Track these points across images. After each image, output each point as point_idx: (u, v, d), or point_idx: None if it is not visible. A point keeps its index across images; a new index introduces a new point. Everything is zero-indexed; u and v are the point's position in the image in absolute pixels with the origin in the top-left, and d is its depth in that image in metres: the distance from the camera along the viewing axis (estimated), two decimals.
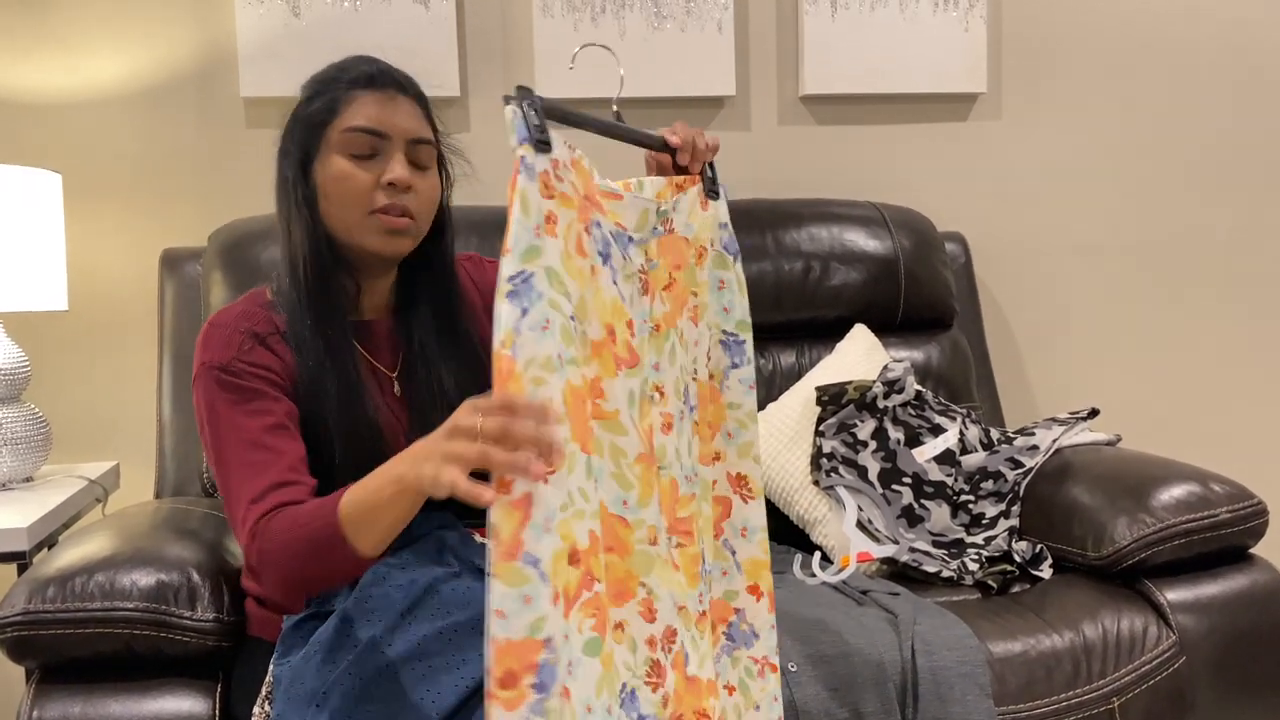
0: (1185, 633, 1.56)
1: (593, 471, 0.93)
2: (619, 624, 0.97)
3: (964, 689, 1.40)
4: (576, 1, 2.24)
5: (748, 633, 1.13)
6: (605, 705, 0.90)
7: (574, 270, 0.95)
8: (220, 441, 1.19)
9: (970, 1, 2.37)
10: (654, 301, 1.09)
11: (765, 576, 1.15)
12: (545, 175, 0.95)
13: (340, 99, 1.25)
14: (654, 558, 1.01)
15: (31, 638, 1.27)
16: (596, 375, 0.96)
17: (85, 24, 2.12)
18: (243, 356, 1.21)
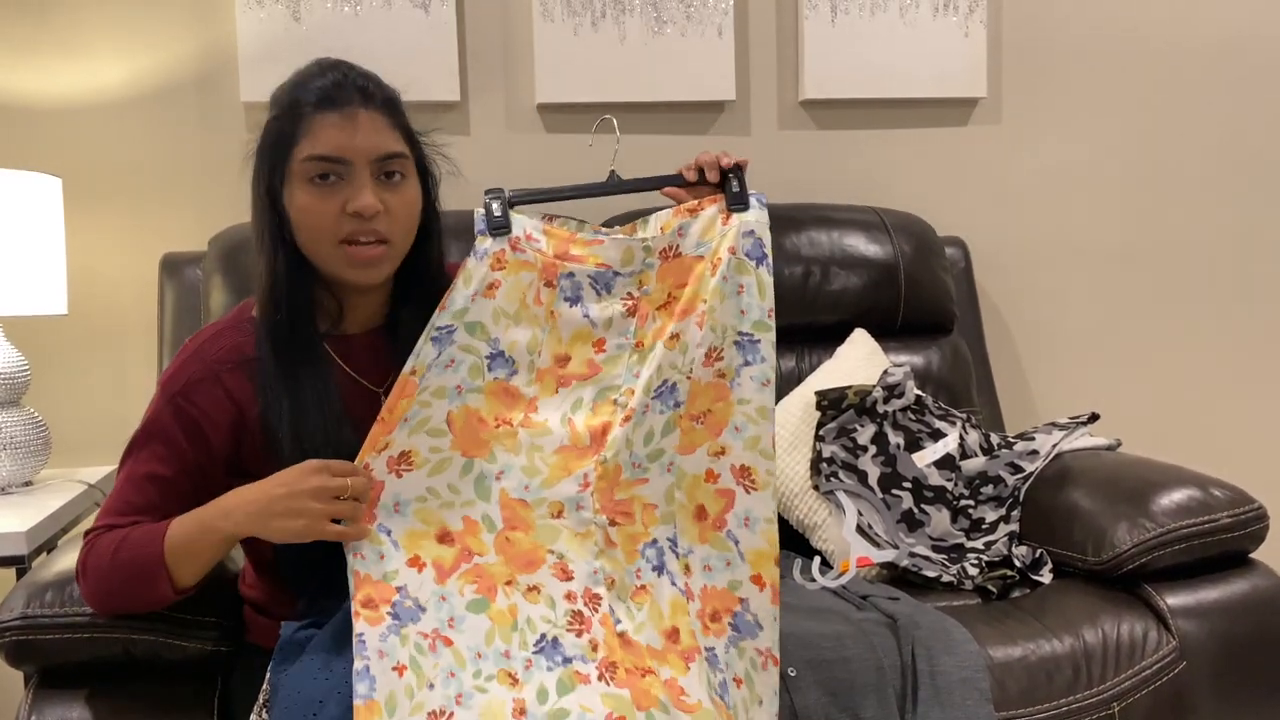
0: (1185, 637, 1.55)
1: (475, 471, 1.20)
2: (533, 587, 1.16)
3: (964, 694, 1.40)
4: (577, 6, 2.24)
5: (752, 623, 1.16)
6: (501, 651, 1.12)
7: (525, 318, 1.24)
8: (129, 452, 1.22)
9: (970, 6, 2.37)
10: (644, 322, 1.26)
11: (769, 568, 1.17)
12: (500, 253, 1.25)
13: (300, 123, 1.18)
14: (559, 529, 1.20)
15: (30, 642, 1.27)
16: (535, 395, 1.24)
17: (86, 29, 2.13)
18: (187, 392, 1.20)
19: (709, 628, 1.15)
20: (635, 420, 1.21)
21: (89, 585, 1.20)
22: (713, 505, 1.20)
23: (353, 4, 2.16)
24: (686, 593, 1.17)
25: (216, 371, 1.20)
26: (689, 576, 1.18)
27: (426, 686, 1.09)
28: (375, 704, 1.06)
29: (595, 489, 1.21)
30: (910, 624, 1.46)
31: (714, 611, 1.16)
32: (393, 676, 1.08)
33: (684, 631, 1.15)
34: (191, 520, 1.16)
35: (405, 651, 1.10)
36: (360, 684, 1.07)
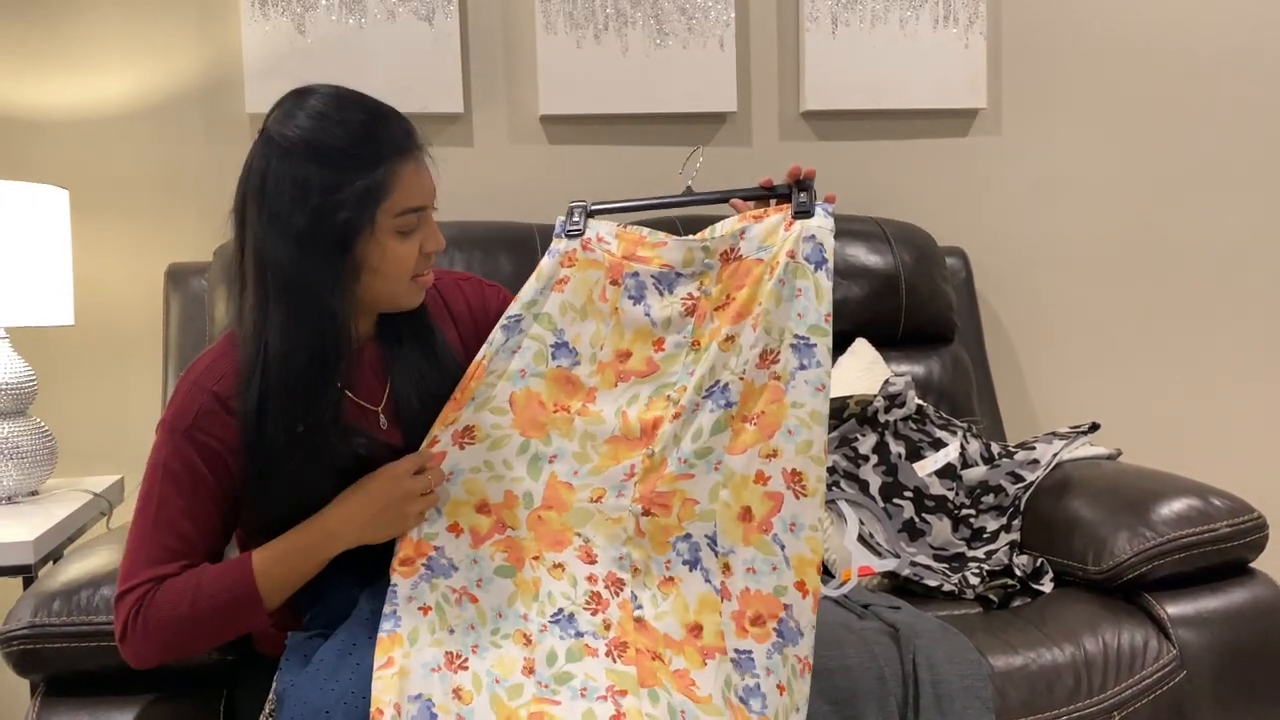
0: (1186, 647, 1.56)
1: (530, 451, 1.29)
2: (558, 564, 1.25)
3: (965, 703, 1.41)
4: (579, 19, 2.26)
5: (795, 630, 1.15)
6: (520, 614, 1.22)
7: (592, 313, 1.33)
8: (146, 499, 1.18)
9: (970, 18, 2.38)
10: (701, 321, 1.30)
11: (812, 575, 1.16)
12: (571, 253, 1.34)
13: (388, 178, 1.15)
14: (591, 512, 1.27)
15: (37, 651, 1.28)
16: (595, 386, 1.31)
17: (92, 41, 2.14)
18: (201, 426, 1.17)
19: (747, 630, 1.15)
20: (685, 417, 1.24)
21: (150, 634, 1.14)
22: (760, 507, 1.18)
23: (357, 16, 2.18)
24: (722, 592, 1.18)
25: (223, 400, 1.18)
26: (728, 576, 1.18)
27: (447, 630, 1.18)
28: (398, 635, 1.15)
29: (639, 478, 1.26)
30: (911, 633, 1.47)
31: (756, 615, 1.15)
32: (418, 615, 1.18)
33: (709, 630, 1.17)
34: (285, 548, 1.18)
35: (433, 597, 1.19)
36: (386, 621, 1.16)
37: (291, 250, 1.14)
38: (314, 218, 1.14)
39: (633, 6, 2.27)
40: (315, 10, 2.17)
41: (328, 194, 1.14)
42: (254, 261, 1.17)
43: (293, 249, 1.14)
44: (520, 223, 2.12)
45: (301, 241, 1.14)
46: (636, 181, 2.34)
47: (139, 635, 1.15)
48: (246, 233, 1.18)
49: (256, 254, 1.16)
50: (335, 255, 1.15)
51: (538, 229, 2.09)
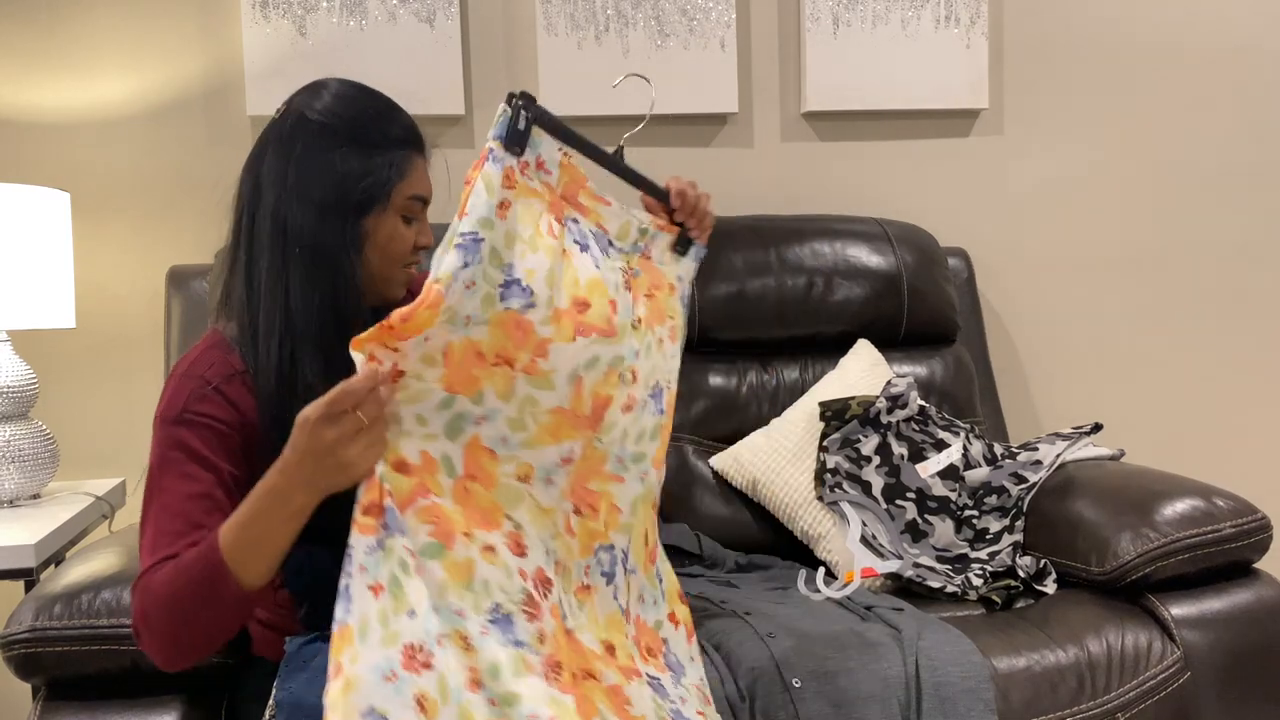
0: (1190, 648, 1.55)
1: (453, 408, 1.07)
2: (489, 546, 1.05)
3: (968, 705, 1.40)
4: (580, 20, 2.26)
5: (677, 663, 1.15)
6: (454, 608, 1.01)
7: (542, 246, 1.10)
8: (149, 496, 1.17)
9: (972, 18, 2.38)
10: (636, 302, 1.20)
11: (680, 608, 1.18)
12: (510, 170, 1.11)
13: (404, 161, 1.25)
14: (522, 494, 1.10)
15: (38, 655, 1.28)
16: (549, 338, 1.09)
17: (93, 44, 2.14)
18: (193, 408, 1.18)
19: (647, 659, 1.13)
20: (636, 412, 1.17)
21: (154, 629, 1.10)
22: (651, 535, 1.21)
23: (358, 18, 2.18)
24: (626, 614, 1.15)
25: (213, 384, 1.20)
26: (630, 597, 1.17)
27: (406, 613, 1.01)
28: (348, 630, 0.99)
29: (574, 468, 1.14)
30: (914, 635, 1.47)
31: (648, 647, 1.15)
32: (368, 598, 1.00)
33: (620, 650, 1.11)
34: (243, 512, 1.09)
35: (386, 569, 1.02)
36: (339, 605, 1.00)
37: (313, 215, 1.20)
38: (339, 187, 1.21)
39: (633, 8, 2.27)
40: (316, 12, 2.17)
41: (353, 166, 1.22)
42: (271, 225, 1.21)
43: (314, 214, 1.20)
44: None
45: (323, 208, 1.21)
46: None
47: (144, 628, 1.12)
48: (260, 200, 1.23)
49: (276, 218, 1.21)
50: (352, 223, 1.22)
51: None
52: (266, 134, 1.26)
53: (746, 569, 1.85)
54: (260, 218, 1.22)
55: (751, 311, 2.09)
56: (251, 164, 1.26)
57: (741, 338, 2.11)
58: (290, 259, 1.20)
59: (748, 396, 2.07)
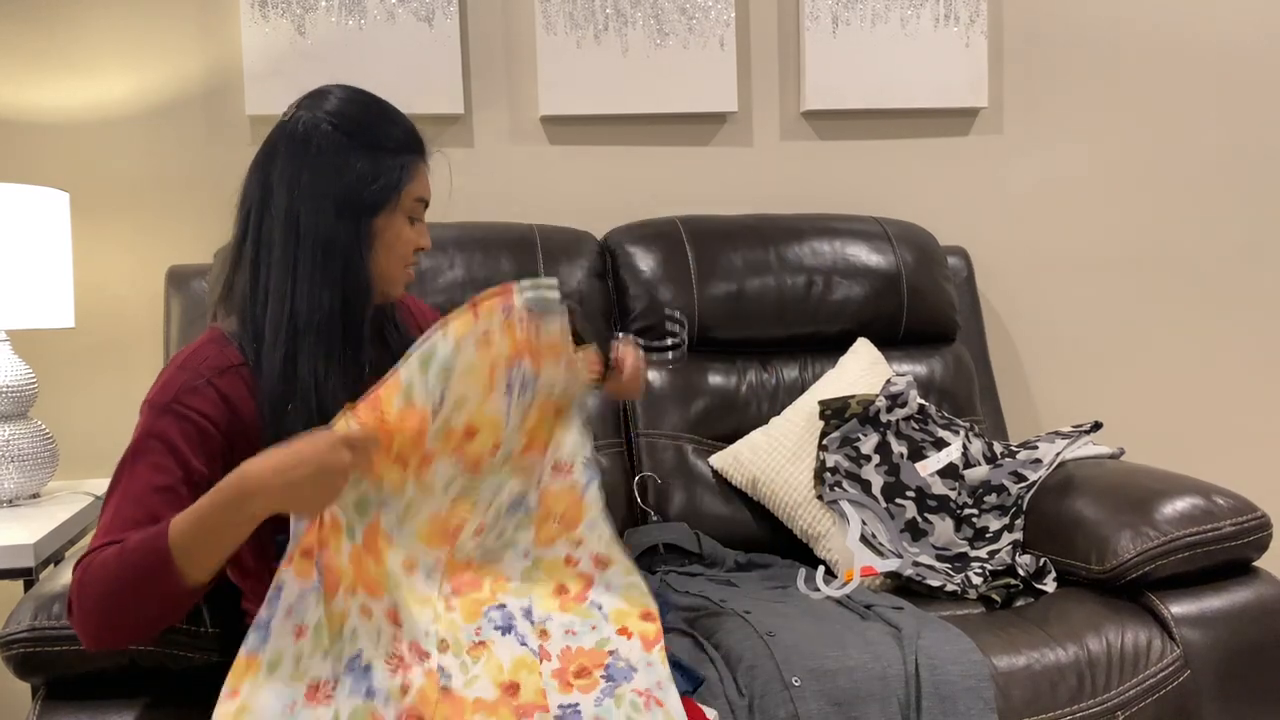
0: (1189, 646, 1.55)
1: (360, 489, 1.14)
2: (367, 609, 1.10)
3: (968, 703, 1.40)
4: (579, 19, 2.26)
5: (625, 669, 1.16)
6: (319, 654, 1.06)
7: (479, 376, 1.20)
8: (118, 477, 1.17)
9: (971, 16, 2.38)
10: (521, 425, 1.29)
11: (633, 621, 1.21)
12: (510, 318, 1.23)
13: (412, 165, 1.29)
14: (403, 583, 1.17)
15: (37, 654, 1.28)
16: (434, 450, 1.19)
17: (92, 43, 2.14)
18: (181, 400, 1.19)
19: (571, 685, 1.14)
20: (486, 533, 1.27)
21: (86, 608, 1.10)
22: (574, 585, 1.25)
23: (357, 18, 2.18)
24: (541, 654, 1.16)
25: (207, 377, 1.21)
26: (546, 640, 1.19)
27: (320, 654, 1.06)
28: (256, 660, 1.04)
29: (446, 568, 1.23)
30: (914, 633, 1.47)
31: (580, 669, 1.16)
32: (288, 638, 1.05)
33: (527, 688, 1.13)
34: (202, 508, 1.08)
35: (315, 614, 1.06)
36: (253, 634, 1.05)
37: (328, 215, 1.24)
38: (352, 188, 1.25)
39: (633, 6, 2.27)
40: (315, 11, 2.16)
41: (365, 168, 1.26)
42: (283, 225, 1.24)
43: (329, 214, 1.24)
44: (520, 223, 2.12)
45: (337, 208, 1.24)
46: (637, 181, 2.34)
47: (76, 604, 1.11)
48: (271, 200, 1.25)
49: (288, 218, 1.24)
50: (364, 223, 1.26)
51: (538, 229, 2.09)
52: (275, 136, 1.28)
53: (746, 568, 1.85)
54: (270, 217, 1.25)
55: (751, 310, 2.09)
56: (260, 165, 1.28)
57: (741, 337, 2.11)
58: (301, 257, 1.23)
59: (747, 395, 2.08)
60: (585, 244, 2.12)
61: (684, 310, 2.07)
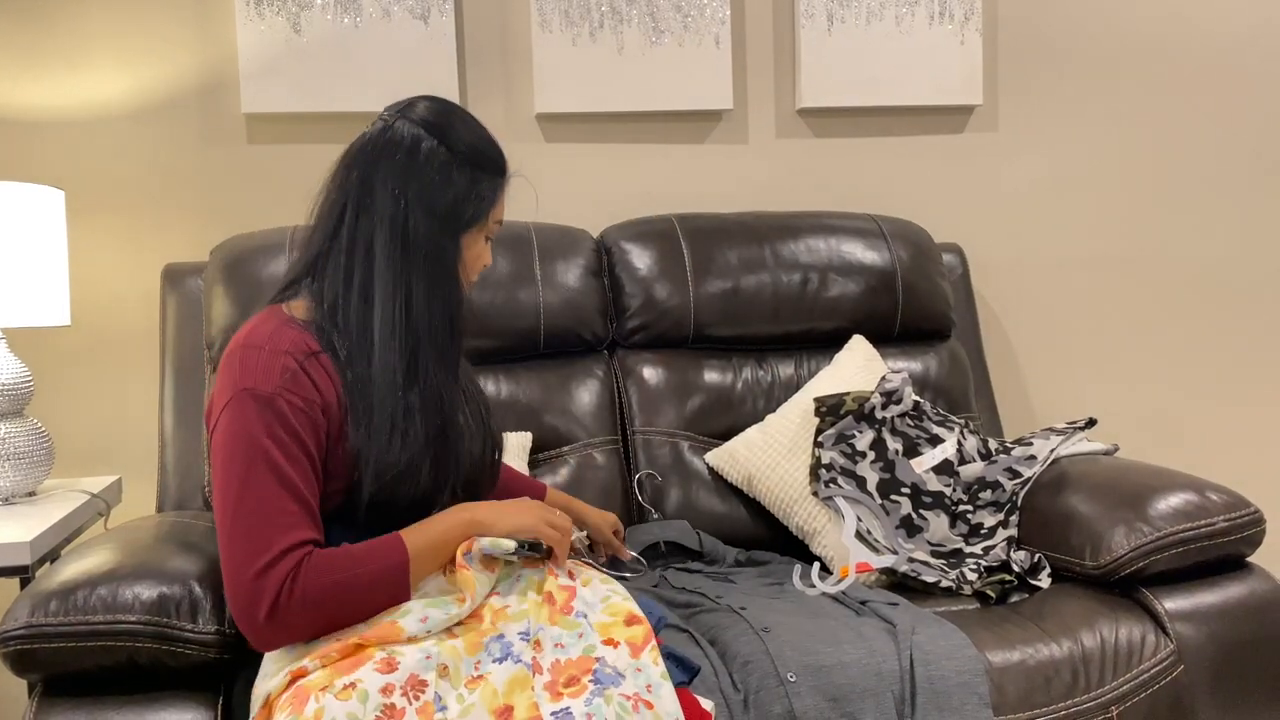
0: (1183, 641, 1.56)
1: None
2: (350, 685, 1.10)
3: (962, 698, 1.41)
4: (575, 16, 2.26)
5: (612, 674, 1.17)
6: None
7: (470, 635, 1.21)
8: (251, 474, 1.16)
9: (966, 14, 2.38)
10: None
11: (618, 630, 1.22)
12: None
13: (500, 189, 1.36)
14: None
15: (34, 651, 1.28)
16: None
17: (88, 41, 2.14)
18: (289, 388, 1.20)
19: (561, 694, 1.15)
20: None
21: (315, 608, 1.15)
22: (559, 595, 1.27)
23: (352, 15, 2.18)
24: (534, 666, 1.17)
25: (300, 362, 1.22)
26: (539, 652, 1.20)
27: None
28: None
29: None
30: (909, 629, 1.47)
31: (569, 678, 1.17)
32: None
33: (521, 707, 1.14)
34: (435, 531, 1.23)
35: None
36: None
37: (435, 227, 1.29)
38: (457, 204, 1.30)
39: (628, 4, 2.27)
40: (311, 9, 2.16)
41: (471, 185, 1.31)
42: (389, 231, 1.27)
43: (436, 227, 1.29)
44: (516, 221, 2.11)
45: (443, 222, 1.29)
46: (633, 179, 2.34)
47: (297, 605, 1.13)
48: (374, 203, 1.27)
49: (394, 225, 1.27)
50: (460, 238, 1.32)
51: (534, 227, 2.09)
52: (375, 139, 1.30)
53: (745, 565, 1.86)
54: (370, 219, 1.27)
55: (747, 308, 2.09)
56: (359, 164, 1.30)
57: (736, 334, 2.11)
58: (411, 265, 1.27)
59: (743, 392, 2.08)
60: (581, 242, 2.12)
61: (680, 307, 2.07)
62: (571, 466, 1.96)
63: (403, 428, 1.24)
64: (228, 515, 1.16)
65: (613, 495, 1.94)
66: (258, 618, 1.13)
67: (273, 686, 1.14)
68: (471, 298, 1.47)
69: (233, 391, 1.19)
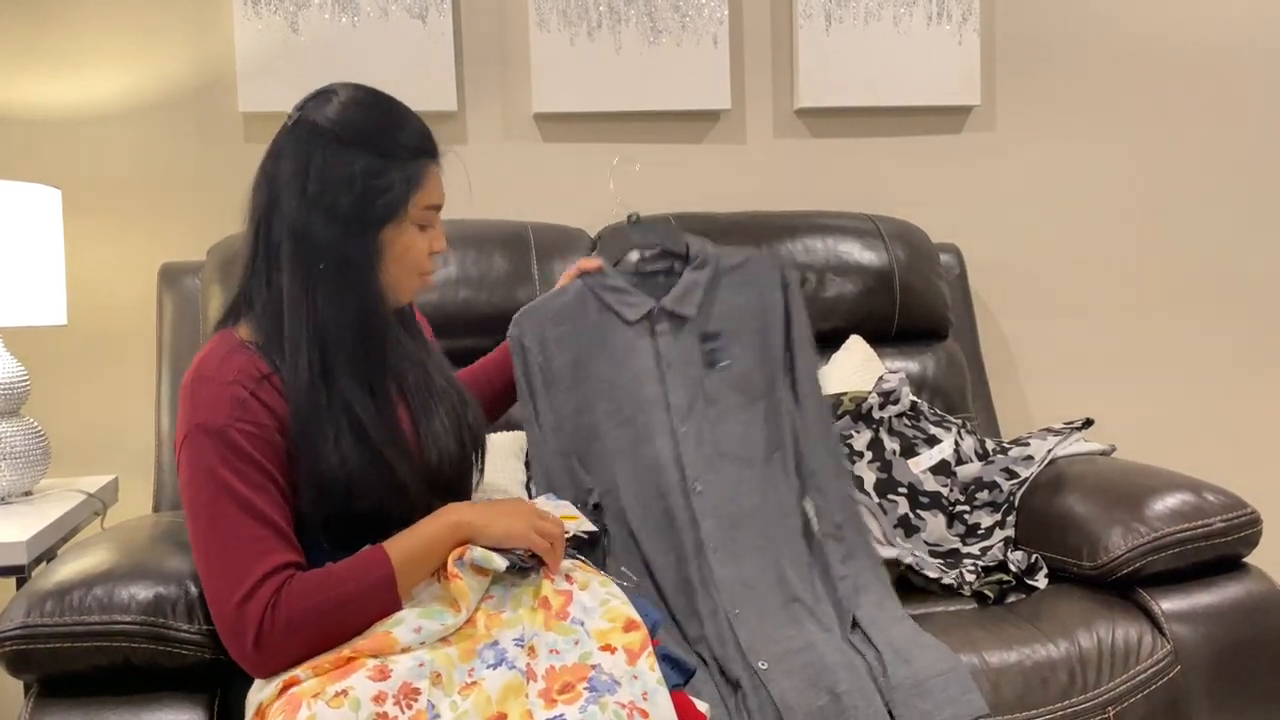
0: (1180, 642, 1.56)
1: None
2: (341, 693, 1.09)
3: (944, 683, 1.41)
4: (573, 16, 2.26)
5: (608, 682, 1.17)
6: None
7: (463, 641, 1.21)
8: (218, 509, 1.16)
9: (964, 15, 2.38)
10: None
11: (616, 636, 1.22)
12: None
13: (420, 172, 1.27)
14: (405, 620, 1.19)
15: (30, 651, 1.28)
16: None
17: (85, 40, 2.14)
18: (242, 418, 1.18)
19: (555, 701, 1.15)
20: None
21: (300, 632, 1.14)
22: (555, 599, 1.25)
23: (350, 14, 2.18)
24: (528, 673, 1.17)
25: (250, 389, 1.19)
26: (533, 658, 1.19)
27: None
28: None
29: None
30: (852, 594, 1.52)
31: (564, 685, 1.16)
32: None
33: (515, 713, 1.14)
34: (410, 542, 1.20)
35: None
36: None
37: (337, 229, 1.22)
38: (360, 199, 1.23)
39: (626, 4, 2.27)
40: (308, 9, 2.16)
41: (373, 178, 1.23)
42: (291, 237, 1.22)
43: (338, 228, 1.22)
44: (514, 221, 2.12)
45: (347, 221, 1.23)
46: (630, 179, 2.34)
47: (281, 630, 1.13)
48: (277, 209, 1.23)
49: (295, 230, 1.22)
50: (374, 235, 1.25)
51: (531, 227, 2.09)
52: (279, 141, 1.26)
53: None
54: (278, 227, 1.23)
55: None
56: (265, 171, 1.26)
57: None
58: (314, 273, 1.22)
59: None
60: (579, 241, 2.12)
61: None
62: None
63: (331, 440, 1.20)
64: (201, 552, 1.17)
65: None
66: (246, 647, 1.14)
67: (265, 696, 1.14)
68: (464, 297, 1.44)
69: (187, 428, 1.19)
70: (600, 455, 1.62)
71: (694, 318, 1.68)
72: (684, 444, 1.60)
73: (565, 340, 1.63)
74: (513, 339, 1.63)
